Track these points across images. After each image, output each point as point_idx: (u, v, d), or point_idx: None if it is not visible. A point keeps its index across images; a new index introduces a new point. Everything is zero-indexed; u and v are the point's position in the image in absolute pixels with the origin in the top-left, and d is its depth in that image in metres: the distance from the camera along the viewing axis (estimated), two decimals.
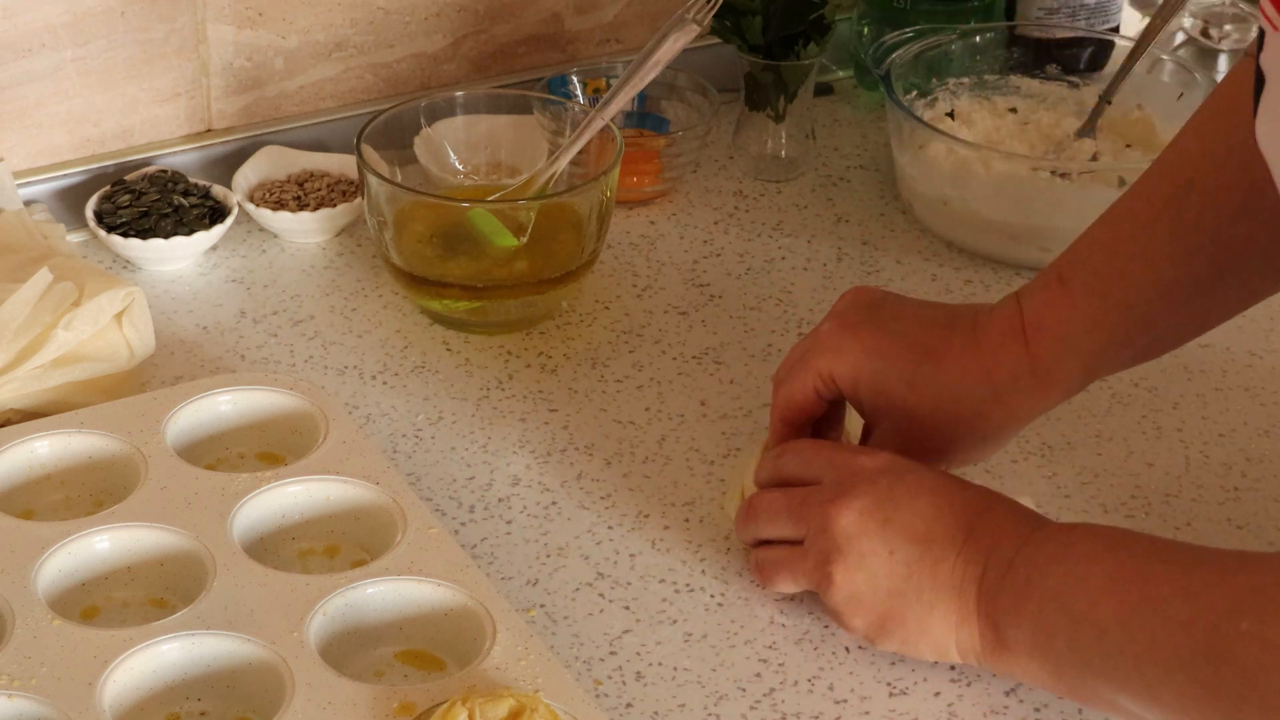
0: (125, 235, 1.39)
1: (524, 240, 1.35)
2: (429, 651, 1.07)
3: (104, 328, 1.27)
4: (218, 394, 1.21)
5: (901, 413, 1.13)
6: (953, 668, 1.09)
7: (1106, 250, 1.11)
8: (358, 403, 1.29)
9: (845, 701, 1.08)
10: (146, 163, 1.46)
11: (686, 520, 1.20)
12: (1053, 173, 1.43)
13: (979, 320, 1.14)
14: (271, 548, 1.13)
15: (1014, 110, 1.53)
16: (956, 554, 1.04)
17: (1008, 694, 1.08)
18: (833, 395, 1.15)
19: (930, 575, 1.04)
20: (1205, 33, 1.72)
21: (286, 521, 1.14)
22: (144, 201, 1.41)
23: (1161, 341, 1.14)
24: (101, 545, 1.10)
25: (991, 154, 1.44)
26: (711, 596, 1.15)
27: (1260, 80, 0.93)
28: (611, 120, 1.37)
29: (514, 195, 1.37)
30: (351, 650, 1.06)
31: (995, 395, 1.12)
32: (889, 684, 1.09)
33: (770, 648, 1.11)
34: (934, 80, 1.53)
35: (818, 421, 1.17)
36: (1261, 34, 0.93)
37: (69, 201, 1.45)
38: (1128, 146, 1.49)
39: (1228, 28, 1.72)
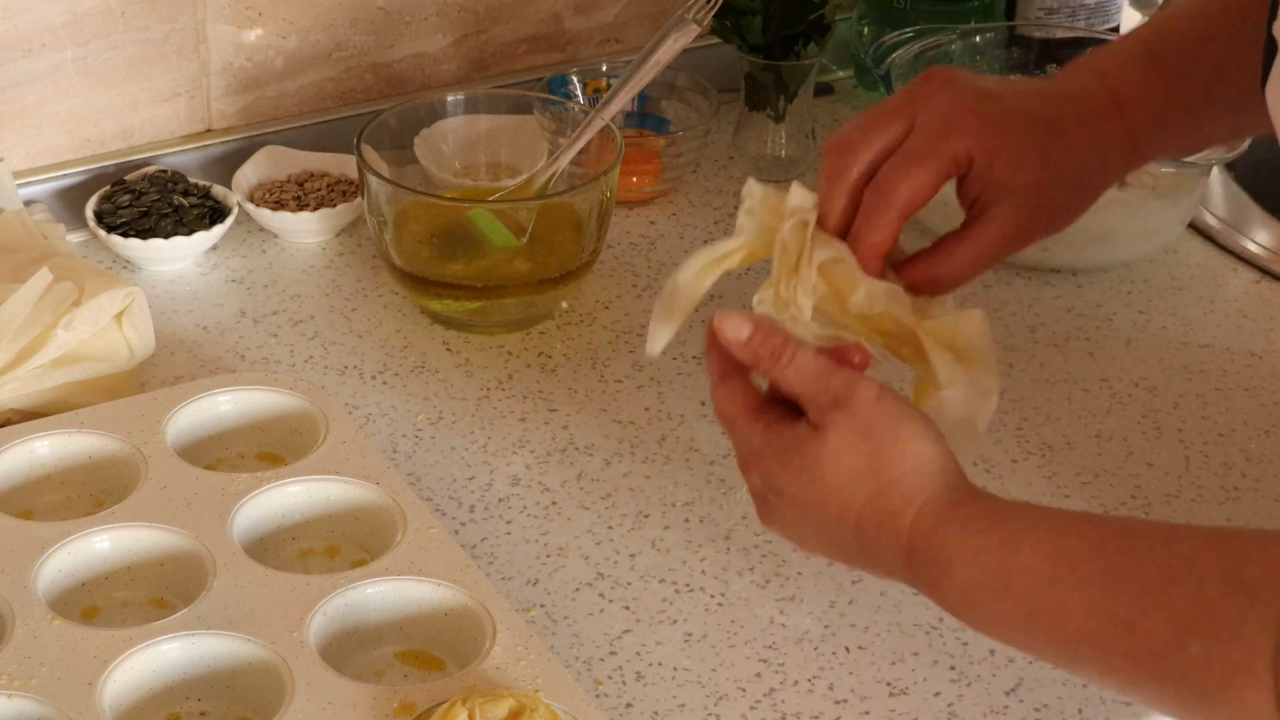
0: (125, 235, 1.39)
1: (524, 240, 1.35)
2: (429, 651, 1.07)
3: (104, 328, 1.27)
4: (218, 394, 1.21)
5: (1032, 187, 1.10)
6: (952, 667, 1.09)
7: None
8: (358, 403, 1.29)
9: (845, 701, 1.08)
10: (146, 163, 1.46)
11: (686, 520, 1.20)
12: None
13: (1067, 90, 1.14)
14: (271, 548, 1.13)
15: None
16: (868, 565, 1.01)
17: (1008, 694, 1.08)
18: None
19: (860, 561, 1.01)
20: None
21: (286, 521, 1.14)
22: (144, 201, 1.41)
23: (1215, 92, 1.13)
24: (101, 545, 1.10)
25: None
26: (711, 596, 1.15)
27: (1272, 48, 0.93)
28: (611, 120, 1.37)
29: (514, 195, 1.37)
30: (351, 650, 1.06)
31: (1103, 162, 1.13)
32: (889, 684, 1.09)
33: (770, 648, 1.11)
34: None
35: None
36: (1274, 3, 0.93)
37: (69, 201, 1.44)
38: None
39: None
